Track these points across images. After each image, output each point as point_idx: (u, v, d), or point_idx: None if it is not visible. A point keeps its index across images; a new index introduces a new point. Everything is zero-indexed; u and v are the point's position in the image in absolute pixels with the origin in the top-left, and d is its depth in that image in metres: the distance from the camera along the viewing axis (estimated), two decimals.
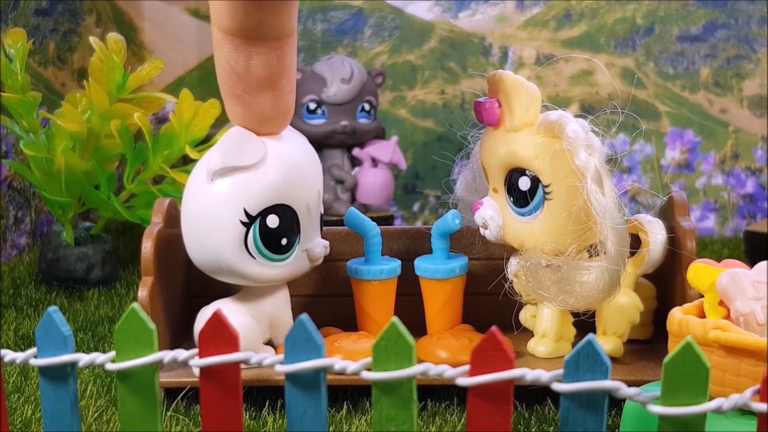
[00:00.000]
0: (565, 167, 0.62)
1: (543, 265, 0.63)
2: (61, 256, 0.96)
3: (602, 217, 0.59)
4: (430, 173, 1.32)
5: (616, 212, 0.60)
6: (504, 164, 0.65)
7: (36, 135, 0.92)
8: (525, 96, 0.63)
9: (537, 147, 0.63)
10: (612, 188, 0.60)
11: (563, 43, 1.30)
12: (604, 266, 0.60)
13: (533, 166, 0.63)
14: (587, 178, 0.60)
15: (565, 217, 0.62)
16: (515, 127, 0.64)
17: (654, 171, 1.30)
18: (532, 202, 0.64)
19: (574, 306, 0.63)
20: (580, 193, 0.61)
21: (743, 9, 1.26)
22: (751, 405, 0.38)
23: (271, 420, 0.63)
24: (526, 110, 0.63)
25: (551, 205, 0.64)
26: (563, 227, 0.63)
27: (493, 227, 0.67)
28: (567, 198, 0.63)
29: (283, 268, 0.65)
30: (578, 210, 0.61)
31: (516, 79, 0.63)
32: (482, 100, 0.66)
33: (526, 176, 0.64)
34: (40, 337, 0.42)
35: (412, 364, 0.39)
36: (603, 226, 0.59)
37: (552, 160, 0.63)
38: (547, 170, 0.63)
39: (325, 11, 1.33)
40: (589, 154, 0.60)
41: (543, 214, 0.64)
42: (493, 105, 0.64)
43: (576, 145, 0.60)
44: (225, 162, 0.61)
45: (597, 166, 0.60)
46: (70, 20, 1.24)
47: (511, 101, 0.63)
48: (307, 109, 1.10)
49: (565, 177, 0.62)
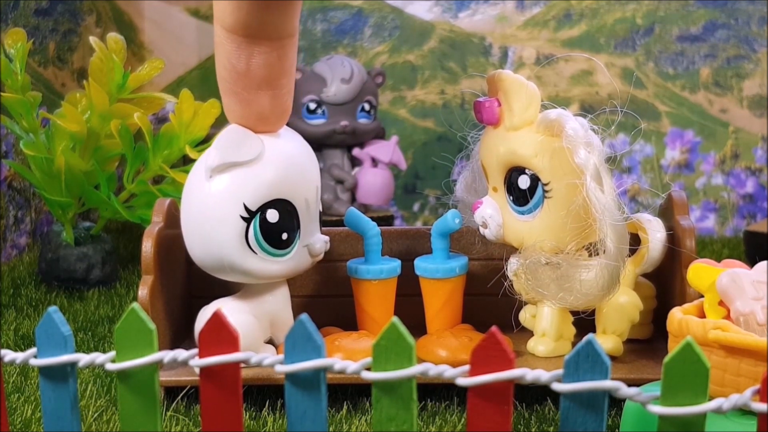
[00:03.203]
0: (564, 165, 0.62)
1: (542, 263, 0.63)
2: (61, 256, 0.96)
3: (602, 215, 0.59)
4: (430, 173, 1.33)
5: (615, 210, 0.60)
6: (503, 163, 0.65)
7: (36, 135, 0.92)
8: (524, 95, 0.63)
9: (536, 145, 0.63)
10: (611, 186, 0.60)
11: (563, 43, 1.30)
12: (604, 263, 0.60)
13: (533, 165, 0.64)
14: (587, 175, 0.60)
15: (565, 215, 0.62)
16: (515, 125, 0.64)
17: (654, 171, 1.30)
18: (532, 201, 0.64)
19: (574, 304, 0.64)
20: (579, 191, 0.61)
21: (743, 9, 1.26)
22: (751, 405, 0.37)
23: (271, 420, 0.63)
24: (525, 109, 0.63)
25: (551, 203, 0.64)
26: (563, 225, 0.63)
27: (492, 226, 0.67)
28: (566, 196, 0.63)
29: (285, 264, 0.65)
30: (578, 208, 0.61)
31: (515, 79, 0.63)
32: (482, 99, 0.66)
33: (525, 175, 0.64)
34: (40, 337, 0.42)
35: (412, 364, 0.39)
36: (602, 224, 0.60)
37: (551, 159, 0.63)
38: (546, 169, 0.63)
39: (325, 11, 1.33)
40: (588, 152, 0.60)
41: (542, 213, 0.64)
42: (493, 104, 0.65)
43: (575, 143, 0.60)
44: (223, 158, 0.61)
45: (596, 163, 0.60)
46: (70, 20, 1.24)
47: (510, 100, 0.64)
48: (307, 109, 1.10)
49: (564, 175, 0.62)
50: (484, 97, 0.66)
